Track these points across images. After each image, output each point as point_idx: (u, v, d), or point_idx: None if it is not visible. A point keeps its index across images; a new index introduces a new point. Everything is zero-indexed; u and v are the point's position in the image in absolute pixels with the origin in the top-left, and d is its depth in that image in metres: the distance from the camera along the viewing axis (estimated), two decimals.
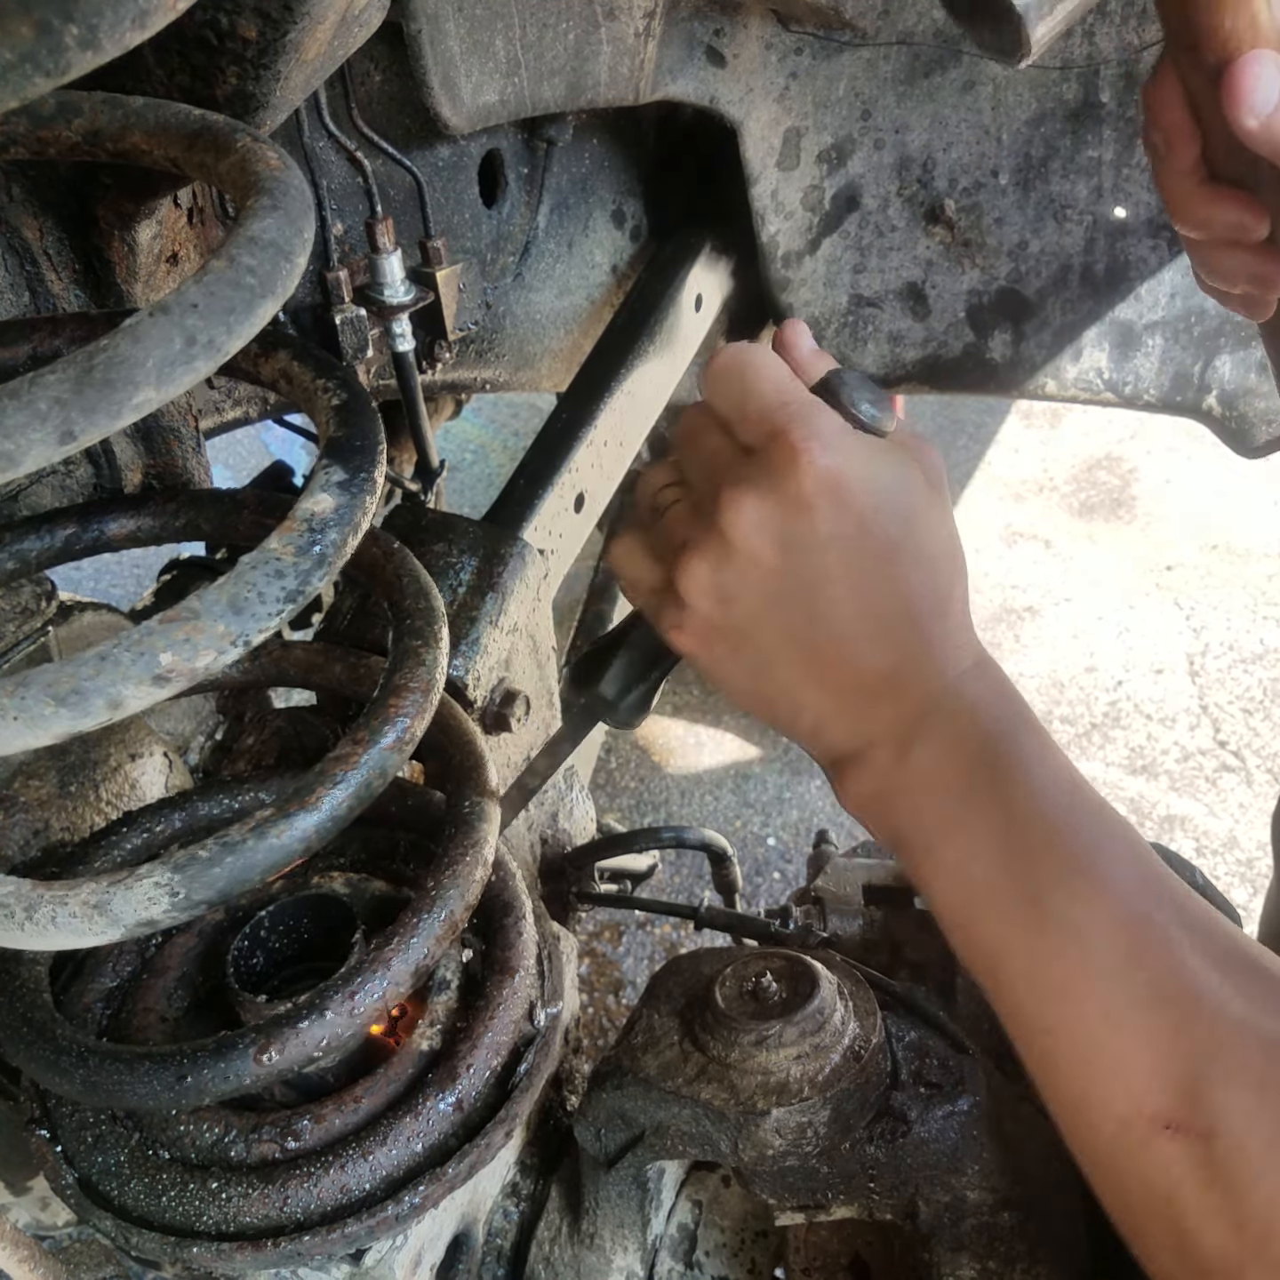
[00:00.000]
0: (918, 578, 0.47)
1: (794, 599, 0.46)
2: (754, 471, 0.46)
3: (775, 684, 0.49)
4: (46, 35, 0.35)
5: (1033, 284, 1.21)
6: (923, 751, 0.46)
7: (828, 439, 0.45)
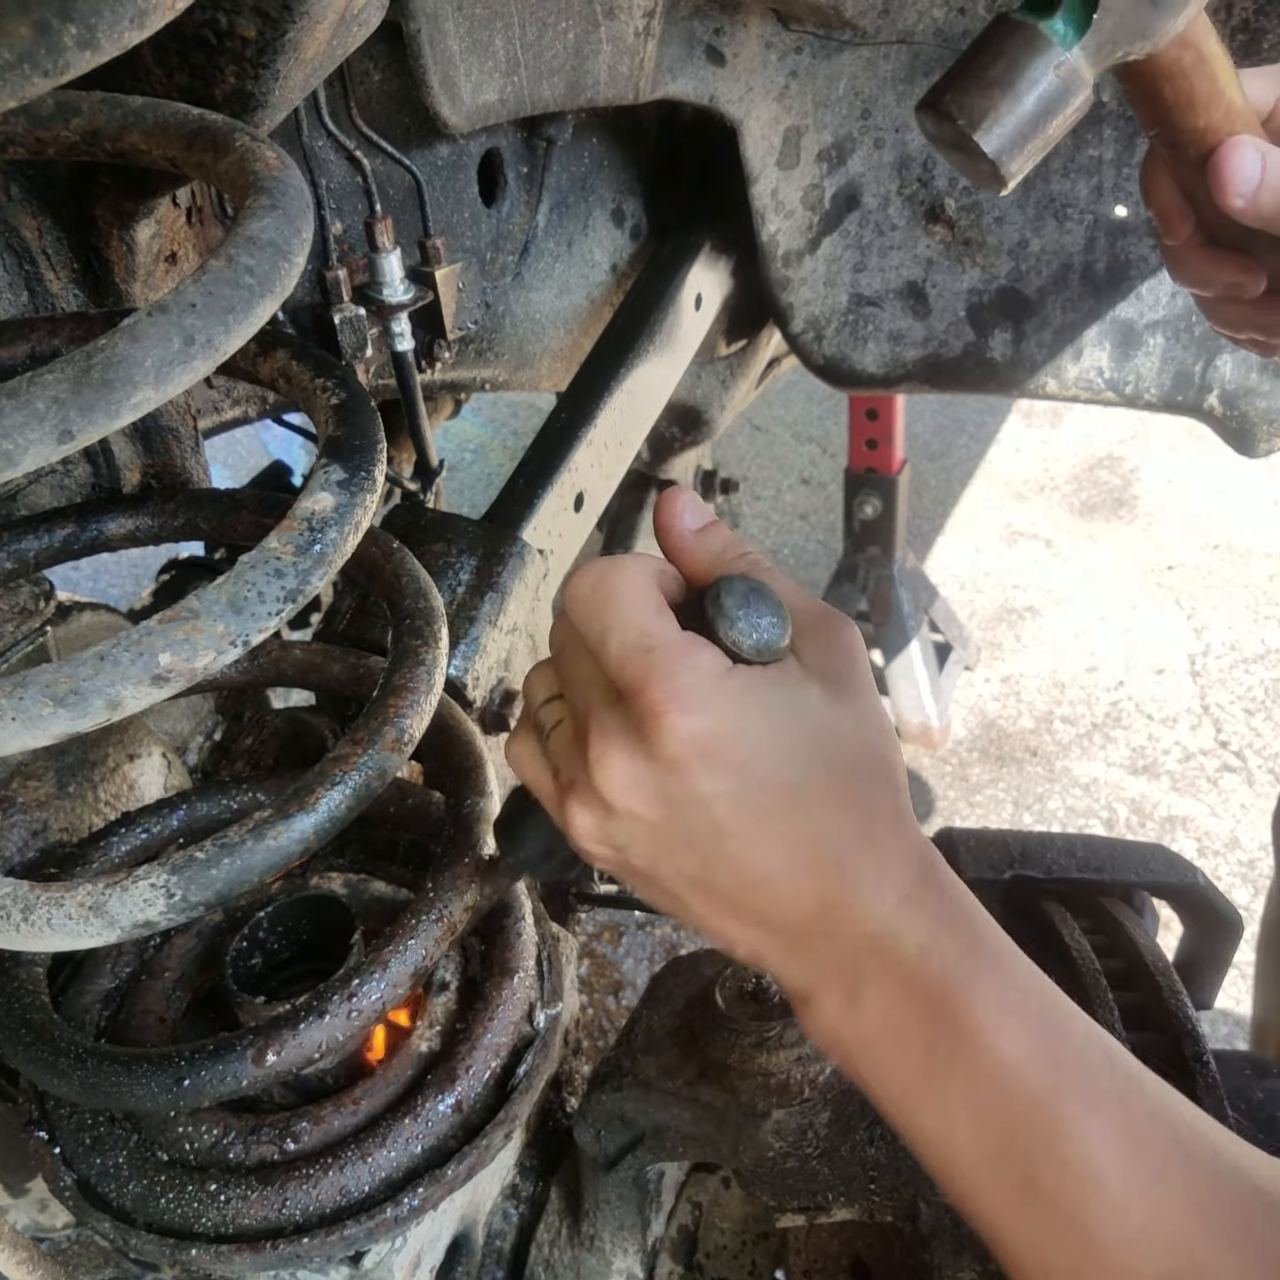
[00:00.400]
0: (827, 814, 0.42)
1: (689, 850, 0.42)
2: (620, 723, 0.41)
3: (696, 917, 0.45)
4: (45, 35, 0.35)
5: (1033, 283, 1.21)
6: (873, 998, 0.42)
7: (694, 693, 0.40)
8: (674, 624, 0.42)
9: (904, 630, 2.26)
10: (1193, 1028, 0.63)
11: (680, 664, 0.40)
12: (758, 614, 0.42)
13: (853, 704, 0.43)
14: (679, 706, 0.40)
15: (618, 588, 0.43)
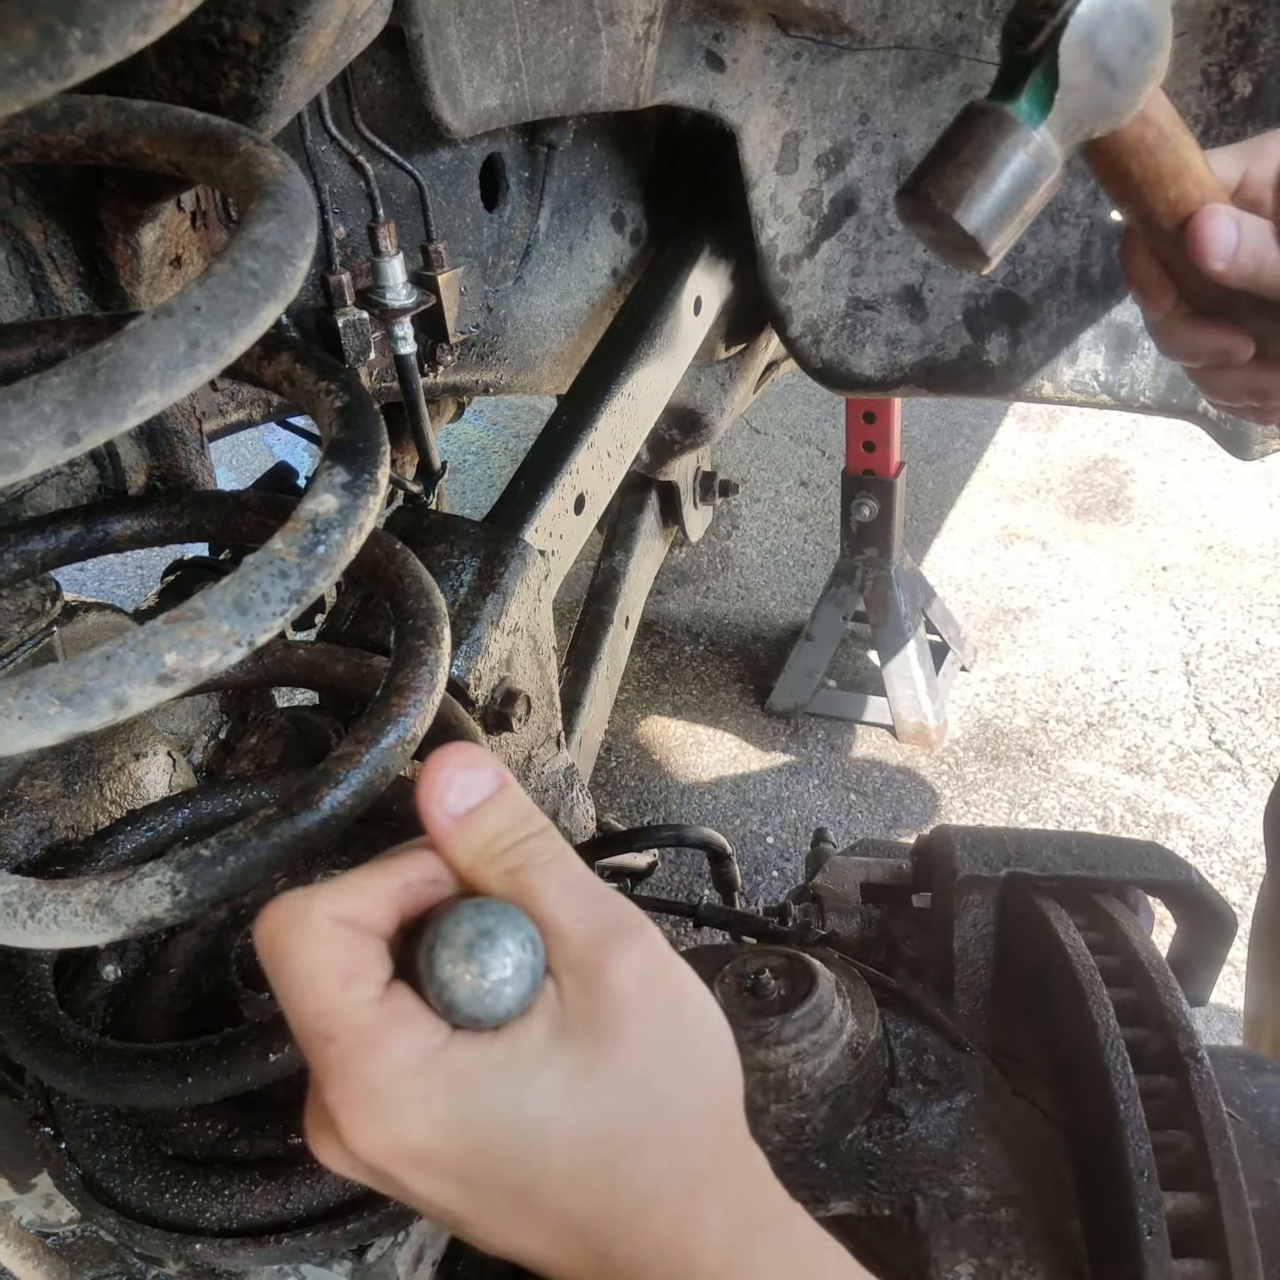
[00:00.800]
0: (582, 1209, 0.34)
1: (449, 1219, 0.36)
2: (321, 1103, 0.34)
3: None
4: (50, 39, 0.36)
5: (1029, 287, 1.22)
6: None
7: (373, 1103, 0.33)
8: (366, 995, 0.34)
9: (901, 631, 2.27)
10: (1187, 1024, 0.64)
11: (362, 1059, 0.33)
12: (481, 969, 0.33)
13: (635, 1058, 0.34)
14: (356, 1116, 0.33)
15: (294, 949, 0.34)
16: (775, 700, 2.42)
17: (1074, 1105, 0.65)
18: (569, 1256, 0.35)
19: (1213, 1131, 0.58)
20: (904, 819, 2.18)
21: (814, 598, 2.46)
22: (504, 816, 0.36)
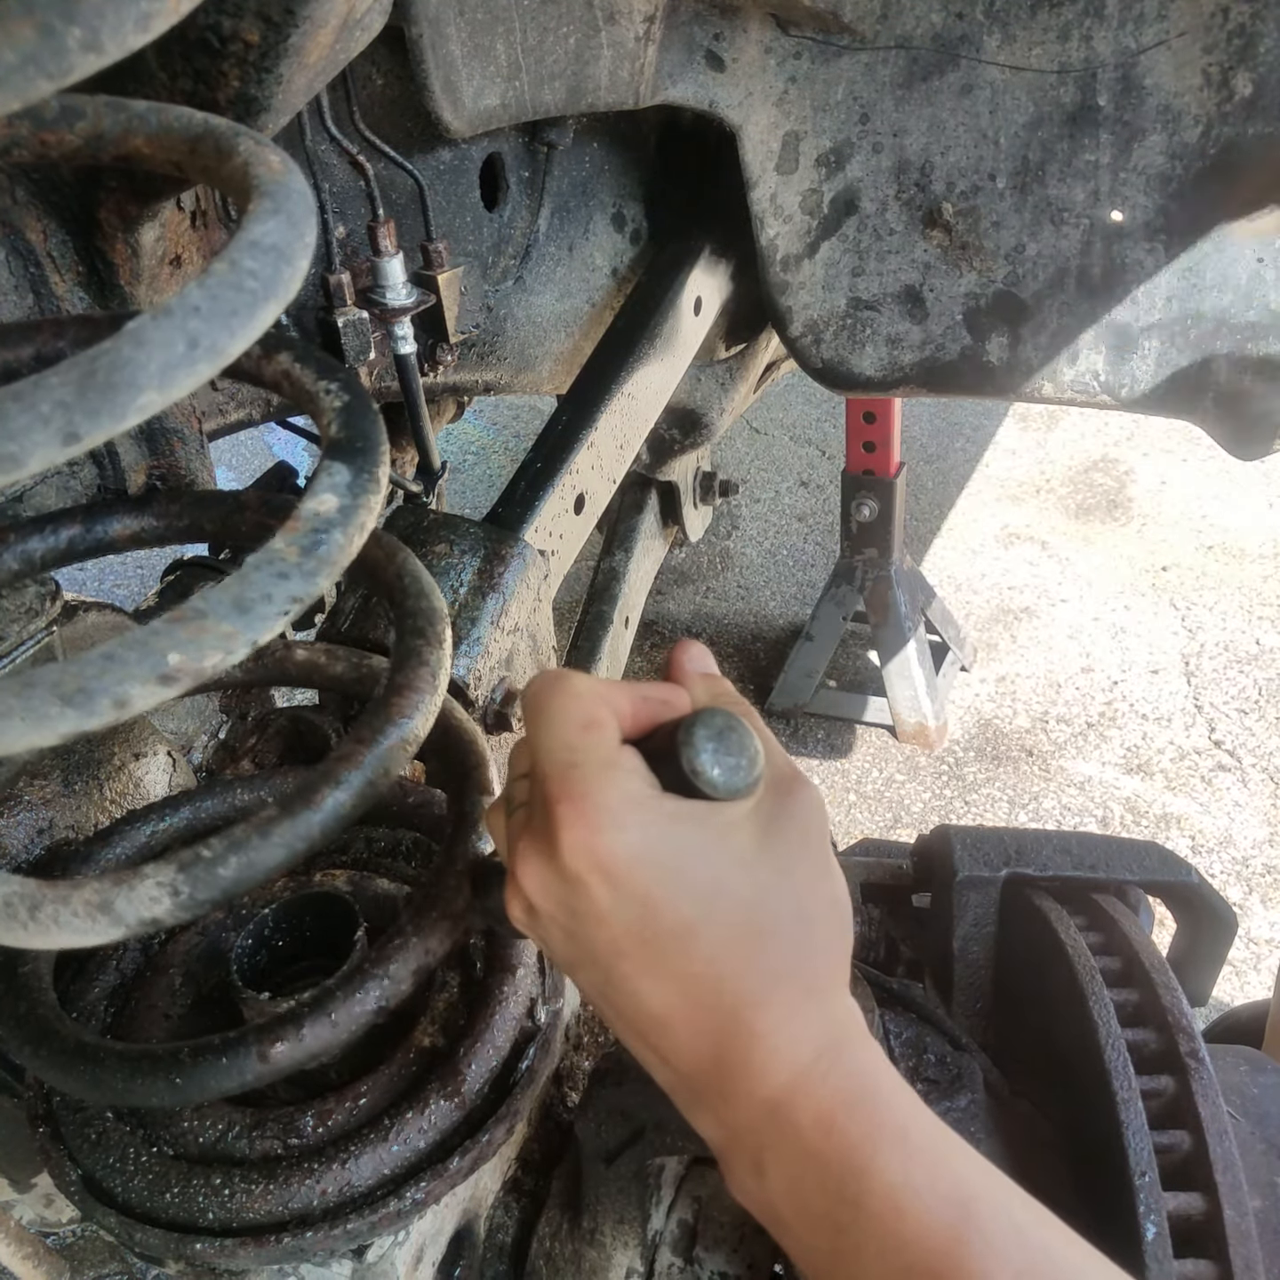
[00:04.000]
0: (728, 963, 0.40)
1: (593, 965, 0.42)
2: (540, 832, 0.42)
3: (613, 1030, 0.44)
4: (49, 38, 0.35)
5: (1030, 287, 1.22)
6: (777, 1171, 0.40)
7: (603, 814, 0.40)
8: (602, 742, 0.42)
9: (901, 631, 2.27)
10: (1188, 1024, 0.64)
11: (598, 782, 0.41)
12: (727, 752, 0.41)
13: (792, 863, 0.42)
14: (587, 823, 0.40)
15: (550, 700, 0.43)
16: (775, 700, 2.42)
17: (1075, 1105, 0.65)
18: (695, 1010, 0.41)
19: (1214, 1132, 0.58)
20: (904, 819, 2.17)
21: (814, 598, 2.46)
22: (727, 686, 0.48)
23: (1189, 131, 1.10)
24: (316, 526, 0.44)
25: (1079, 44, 1.10)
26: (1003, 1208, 0.39)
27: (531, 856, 0.42)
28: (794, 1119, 0.40)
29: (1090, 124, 1.14)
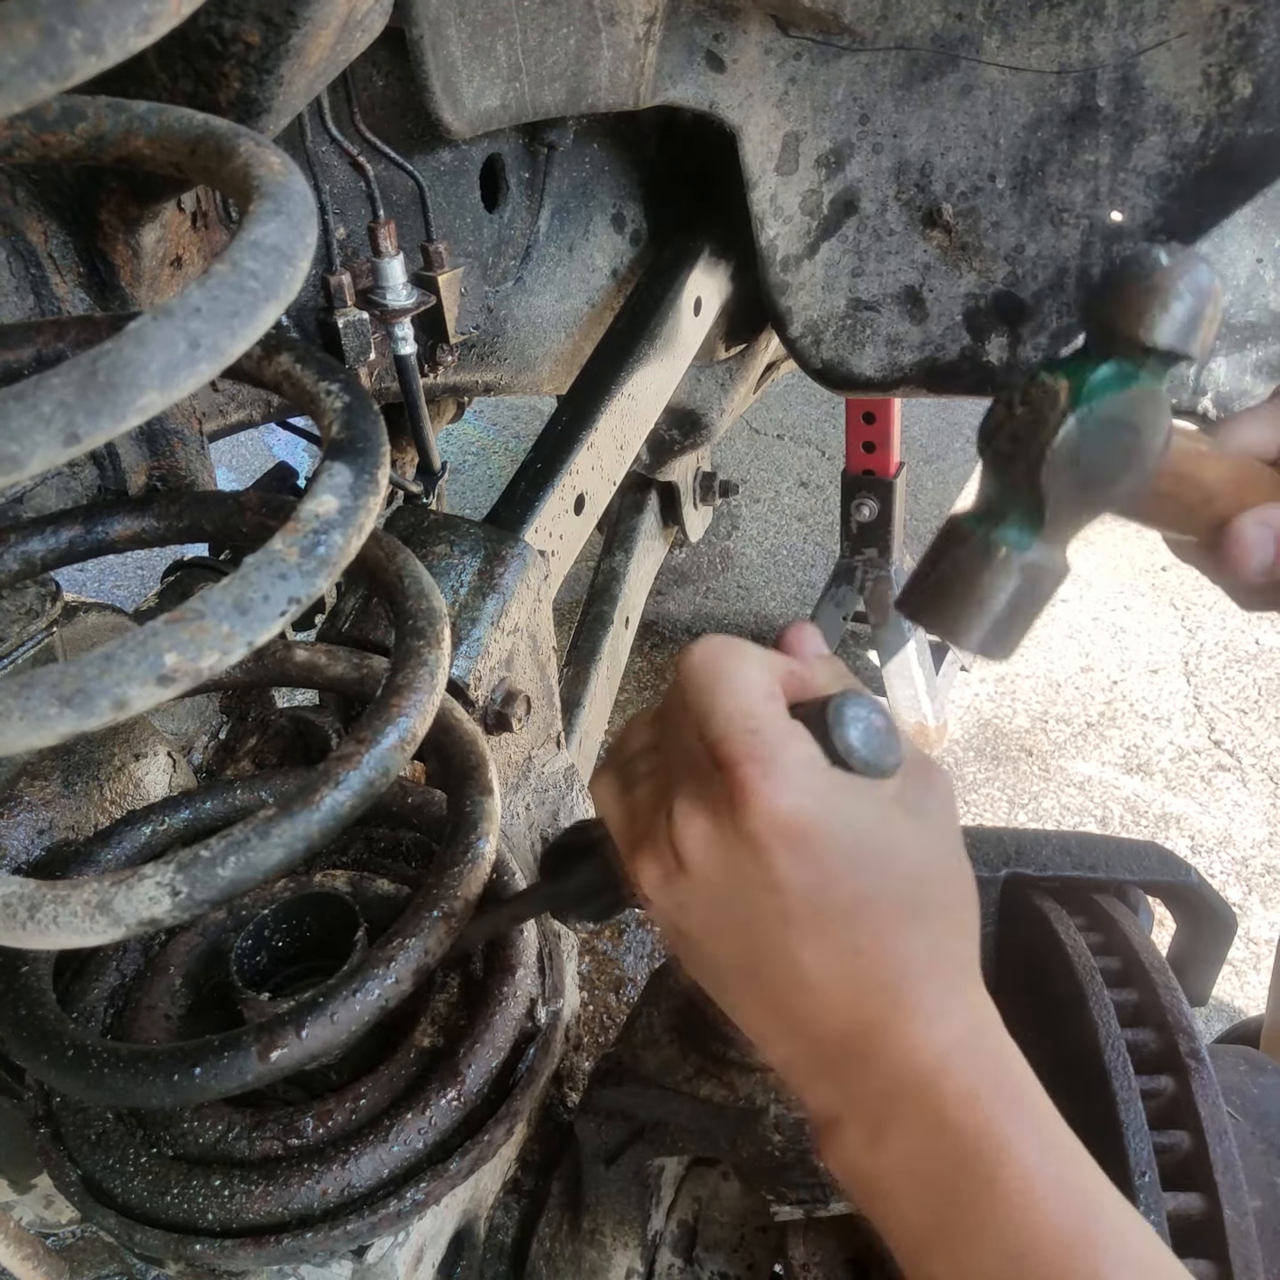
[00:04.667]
0: (894, 936, 0.41)
1: (749, 932, 0.42)
2: (712, 793, 0.41)
3: (732, 1003, 0.45)
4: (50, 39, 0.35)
5: (1029, 287, 1.22)
6: (899, 1139, 0.40)
7: (789, 779, 0.40)
8: (782, 712, 0.42)
9: (901, 631, 2.27)
10: (1188, 1024, 0.64)
11: (781, 748, 0.41)
12: (874, 733, 0.42)
13: (940, 844, 0.43)
14: (773, 786, 0.40)
15: (731, 666, 0.43)
16: None
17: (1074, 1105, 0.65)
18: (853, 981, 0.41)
19: (1213, 1132, 0.58)
20: None
21: (814, 598, 2.46)
22: (844, 668, 0.48)
23: (1189, 132, 1.10)
24: (316, 527, 0.44)
25: (1079, 44, 1.10)
26: (1125, 1212, 0.40)
27: (699, 818, 0.41)
28: (940, 1089, 0.40)
29: (1090, 124, 1.14)
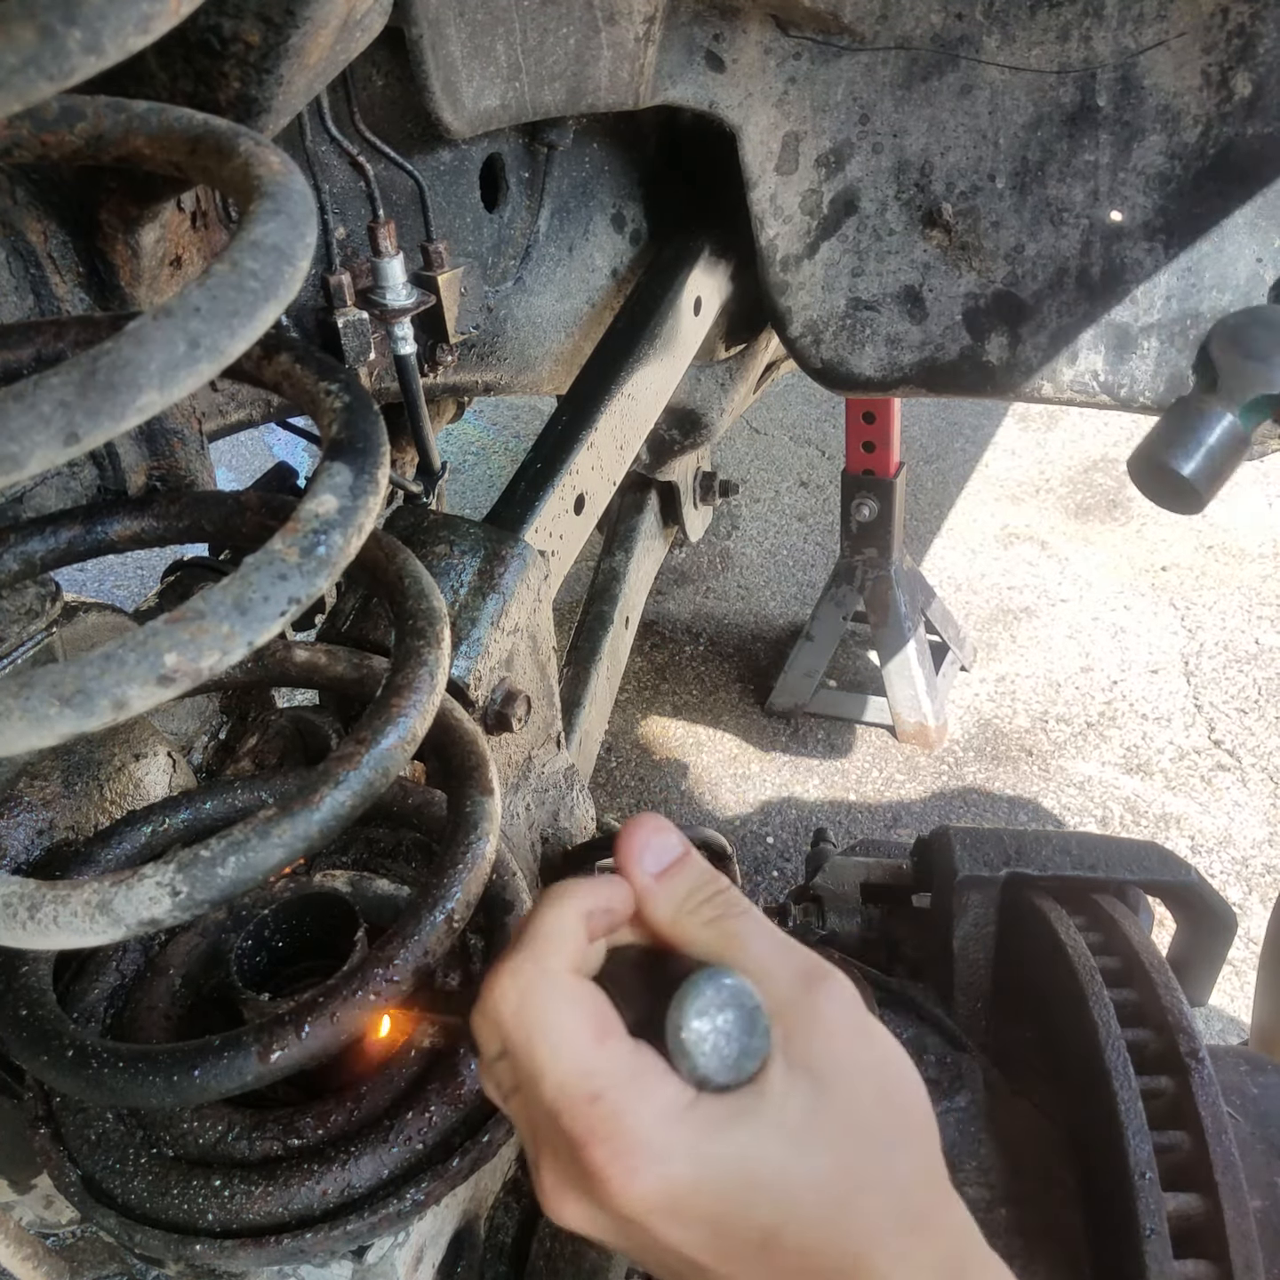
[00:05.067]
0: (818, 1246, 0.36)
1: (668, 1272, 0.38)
2: (566, 1164, 0.37)
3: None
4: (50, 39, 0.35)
5: (1029, 287, 1.22)
6: None
7: (644, 1151, 0.35)
8: (622, 1052, 0.36)
9: (901, 631, 2.27)
10: (1188, 1024, 0.64)
11: (631, 1114, 0.35)
12: (726, 1041, 0.36)
13: (851, 1096, 0.37)
14: (627, 1167, 0.35)
15: (545, 1014, 0.36)
16: (775, 700, 2.42)
17: (1075, 1105, 0.65)
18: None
19: (1213, 1132, 0.58)
20: (904, 819, 2.17)
21: (814, 598, 2.46)
22: (696, 874, 0.41)
23: (1188, 131, 1.10)
24: (316, 527, 0.44)
25: (1078, 44, 1.10)
26: None
27: (568, 1196, 0.37)
28: None
29: (1090, 124, 1.14)
